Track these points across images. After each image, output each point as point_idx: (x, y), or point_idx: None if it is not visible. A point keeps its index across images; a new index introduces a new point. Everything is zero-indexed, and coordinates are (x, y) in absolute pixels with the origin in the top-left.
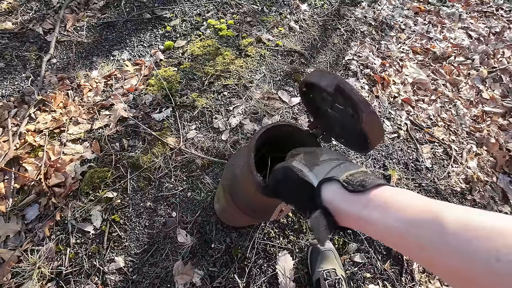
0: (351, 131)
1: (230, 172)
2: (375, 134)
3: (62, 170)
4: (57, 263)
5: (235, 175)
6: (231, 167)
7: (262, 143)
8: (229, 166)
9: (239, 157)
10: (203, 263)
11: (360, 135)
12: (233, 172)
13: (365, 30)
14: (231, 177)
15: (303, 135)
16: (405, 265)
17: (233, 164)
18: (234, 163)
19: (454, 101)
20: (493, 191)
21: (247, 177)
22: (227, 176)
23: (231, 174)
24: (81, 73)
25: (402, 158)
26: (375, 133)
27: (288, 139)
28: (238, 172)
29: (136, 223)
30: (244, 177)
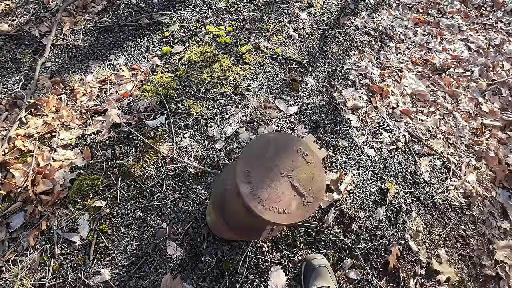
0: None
1: (220, 188)
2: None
3: (50, 177)
4: (40, 274)
5: (225, 192)
6: (221, 183)
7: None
8: (219, 182)
9: (229, 172)
10: (192, 277)
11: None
12: (222, 188)
13: (364, 40)
14: (220, 193)
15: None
16: (402, 282)
17: (222, 179)
18: (223, 178)
19: (453, 113)
20: (492, 206)
21: (235, 197)
22: (216, 192)
23: (220, 190)
24: (76, 77)
25: (400, 171)
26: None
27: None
28: (228, 189)
29: (125, 234)
30: (232, 196)
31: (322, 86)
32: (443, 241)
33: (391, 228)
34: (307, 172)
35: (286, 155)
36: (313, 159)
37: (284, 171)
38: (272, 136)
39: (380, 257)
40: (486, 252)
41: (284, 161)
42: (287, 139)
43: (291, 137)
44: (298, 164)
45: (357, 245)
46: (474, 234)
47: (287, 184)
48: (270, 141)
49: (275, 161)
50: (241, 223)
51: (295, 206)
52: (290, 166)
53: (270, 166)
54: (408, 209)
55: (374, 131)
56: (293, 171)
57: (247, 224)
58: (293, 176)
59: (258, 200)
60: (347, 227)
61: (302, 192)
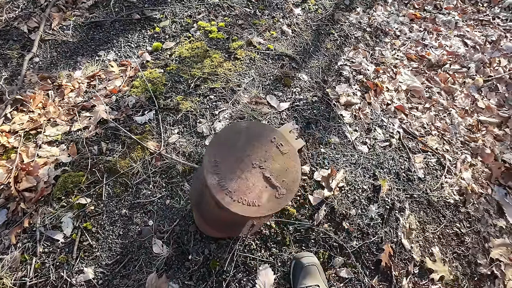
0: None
1: (196, 182)
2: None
3: (34, 173)
4: (21, 273)
5: (202, 189)
6: (197, 177)
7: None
8: (196, 176)
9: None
10: (178, 276)
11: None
12: (200, 185)
13: (359, 35)
14: (196, 188)
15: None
16: (394, 281)
17: (199, 174)
18: (200, 172)
19: (448, 109)
20: (488, 203)
21: (206, 190)
22: (194, 188)
23: (196, 185)
24: (64, 73)
25: (394, 168)
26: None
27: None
28: (202, 182)
29: (110, 232)
30: (204, 189)
31: (315, 82)
32: (437, 239)
33: (384, 226)
34: (281, 163)
35: (259, 144)
36: (288, 149)
37: (256, 162)
38: (245, 125)
39: (372, 255)
40: (481, 250)
41: (257, 151)
42: (260, 128)
43: (265, 126)
44: (272, 154)
45: (349, 243)
46: (469, 232)
47: (258, 175)
48: (242, 130)
49: (247, 151)
50: (216, 217)
51: (267, 198)
52: (263, 157)
53: (241, 157)
54: (402, 207)
55: (368, 127)
56: (266, 161)
57: (221, 219)
58: (266, 167)
59: (226, 192)
60: (338, 225)
61: (275, 183)
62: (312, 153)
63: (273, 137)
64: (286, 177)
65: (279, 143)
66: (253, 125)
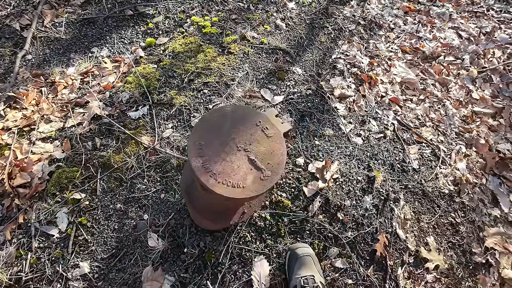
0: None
1: (187, 172)
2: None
3: (28, 170)
4: (17, 268)
5: (191, 175)
6: (188, 168)
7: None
8: (186, 168)
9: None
10: (174, 269)
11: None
12: (189, 172)
13: (353, 29)
14: (188, 178)
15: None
16: (389, 271)
17: (187, 164)
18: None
19: (443, 101)
20: (482, 193)
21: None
22: (184, 177)
23: (188, 174)
24: (57, 70)
25: (388, 159)
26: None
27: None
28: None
29: (105, 226)
30: (191, 175)
31: (309, 75)
32: (432, 229)
33: (379, 216)
34: (266, 146)
35: (244, 128)
36: (273, 132)
37: (241, 145)
38: (229, 109)
39: (367, 246)
40: (476, 239)
41: (242, 134)
42: (246, 112)
43: (250, 110)
44: (257, 137)
45: (343, 233)
46: (464, 221)
47: (243, 158)
48: (227, 114)
49: (232, 135)
50: (205, 204)
51: (251, 180)
52: (248, 140)
53: (226, 140)
54: (396, 197)
55: (362, 119)
56: (251, 144)
57: (211, 205)
58: (251, 149)
59: (211, 174)
60: (333, 216)
61: (260, 166)
62: (306, 145)
63: (259, 120)
64: (271, 160)
65: (264, 127)
66: (238, 109)
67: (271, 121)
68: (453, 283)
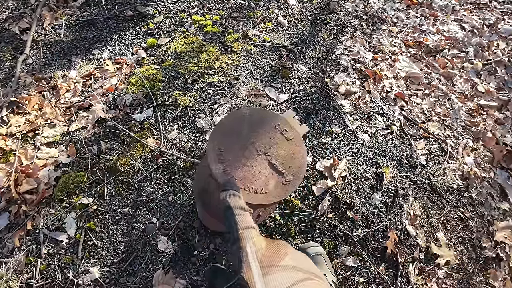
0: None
1: (201, 176)
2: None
3: (34, 175)
4: (27, 275)
5: (206, 180)
6: (203, 169)
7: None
8: (199, 172)
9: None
10: (185, 272)
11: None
12: (203, 177)
13: (356, 24)
14: (201, 182)
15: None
16: (401, 267)
17: (204, 165)
18: (203, 163)
19: (448, 95)
20: (490, 187)
21: (210, 180)
22: (197, 181)
23: (201, 179)
24: (58, 73)
25: (396, 155)
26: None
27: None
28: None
29: (114, 231)
30: (208, 179)
31: (313, 72)
32: (442, 224)
33: (388, 213)
34: (287, 149)
35: (263, 131)
36: (293, 135)
37: (261, 149)
38: (247, 112)
39: (377, 243)
40: (485, 233)
41: (261, 138)
42: (263, 115)
43: (268, 113)
44: (277, 141)
45: (354, 231)
46: (473, 216)
47: (264, 162)
48: (244, 117)
49: (251, 139)
50: (220, 209)
51: (274, 185)
52: (267, 143)
53: (246, 144)
54: (405, 193)
55: (368, 116)
56: (271, 148)
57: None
58: (271, 153)
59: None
60: (343, 214)
61: (281, 170)
62: (313, 143)
63: (277, 123)
64: (292, 163)
65: (283, 129)
66: (256, 112)
67: (290, 123)
68: (464, 278)
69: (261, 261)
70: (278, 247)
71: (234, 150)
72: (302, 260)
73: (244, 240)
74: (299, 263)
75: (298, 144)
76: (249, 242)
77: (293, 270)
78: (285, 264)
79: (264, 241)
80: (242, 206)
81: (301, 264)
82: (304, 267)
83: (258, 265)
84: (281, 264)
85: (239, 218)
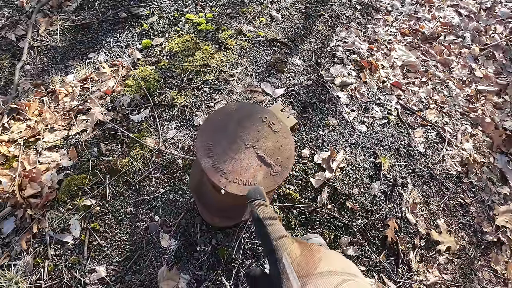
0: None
1: (195, 172)
2: None
3: (37, 180)
4: (36, 277)
5: (200, 176)
6: (196, 169)
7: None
8: (193, 169)
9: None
10: (189, 267)
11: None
12: (197, 173)
13: (350, 14)
14: (196, 178)
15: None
16: (401, 255)
17: (196, 165)
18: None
19: (446, 81)
20: (490, 172)
21: (202, 175)
22: (193, 174)
23: (196, 174)
24: (56, 78)
25: (394, 144)
26: None
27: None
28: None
29: (117, 230)
30: (201, 175)
31: (308, 65)
32: (442, 211)
33: (387, 202)
34: (274, 141)
35: (250, 125)
36: (280, 127)
37: (249, 142)
38: (234, 107)
39: (377, 232)
40: (486, 218)
41: (249, 131)
42: (251, 109)
43: (255, 107)
44: (264, 133)
45: (353, 221)
46: (473, 201)
47: (252, 155)
48: (232, 112)
49: (239, 133)
50: (216, 203)
51: (262, 176)
52: (255, 137)
53: (234, 138)
54: (404, 182)
55: (365, 106)
56: (258, 141)
57: (222, 204)
58: (259, 146)
59: (221, 174)
60: (342, 205)
61: (269, 162)
62: (310, 136)
63: (264, 116)
64: (280, 155)
65: (270, 122)
66: (243, 106)
67: (277, 116)
68: (465, 263)
69: (298, 272)
70: (312, 253)
71: (222, 145)
72: (336, 261)
73: (279, 251)
74: (334, 266)
75: (285, 136)
76: (284, 252)
77: (329, 275)
78: (321, 271)
79: (298, 248)
80: (271, 216)
81: (335, 266)
82: (339, 268)
83: (296, 277)
84: (316, 272)
85: (270, 228)
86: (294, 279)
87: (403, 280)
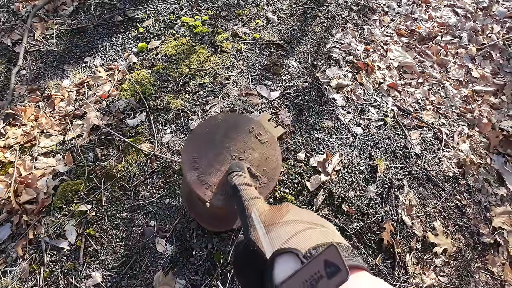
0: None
1: (185, 183)
2: None
3: (33, 185)
4: (32, 283)
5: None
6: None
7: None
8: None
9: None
10: (184, 272)
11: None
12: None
13: (346, 15)
14: (187, 187)
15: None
16: (398, 258)
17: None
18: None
19: (442, 82)
20: (487, 173)
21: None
22: (183, 184)
23: (186, 183)
24: (52, 83)
25: (390, 146)
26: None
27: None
28: None
29: (113, 236)
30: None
31: (304, 67)
32: (438, 213)
33: (383, 205)
34: (261, 152)
35: (237, 136)
36: (267, 138)
37: (235, 153)
38: (221, 118)
39: (373, 235)
40: (483, 220)
41: (235, 143)
42: (237, 120)
43: (242, 117)
44: (251, 144)
45: (349, 225)
46: (470, 203)
47: None
48: (218, 123)
49: (225, 144)
50: (206, 212)
51: None
52: (242, 148)
53: (220, 150)
54: (400, 184)
55: (361, 108)
56: (245, 152)
57: (211, 213)
58: (245, 157)
59: (206, 186)
60: (338, 208)
61: (255, 173)
62: (306, 139)
63: (251, 126)
64: (266, 166)
65: (257, 133)
66: (230, 117)
67: (264, 126)
68: (462, 265)
69: (264, 222)
70: (281, 207)
71: (208, 157)
72: (304, 214)
73: (249, 208)
74: (301, 217)
75: (272, 147)
76: (253, 208)
77: (295, 223)
78: (287, 220)
79: (268, 206)
80: (246, 182)
81: (303, 217)
82: (306, 219)
83: (262, 226)
84: (282, 220)
85: (243, 192)
86: (261, 228)
87: (400, 283)
